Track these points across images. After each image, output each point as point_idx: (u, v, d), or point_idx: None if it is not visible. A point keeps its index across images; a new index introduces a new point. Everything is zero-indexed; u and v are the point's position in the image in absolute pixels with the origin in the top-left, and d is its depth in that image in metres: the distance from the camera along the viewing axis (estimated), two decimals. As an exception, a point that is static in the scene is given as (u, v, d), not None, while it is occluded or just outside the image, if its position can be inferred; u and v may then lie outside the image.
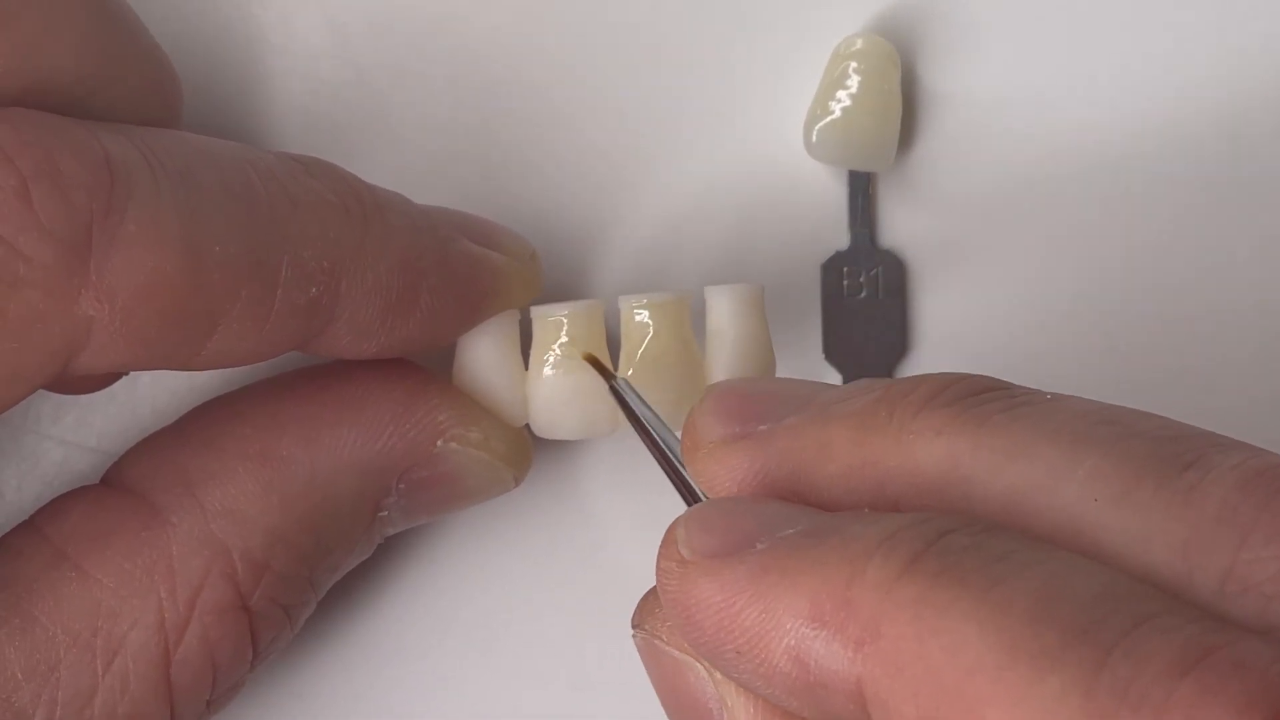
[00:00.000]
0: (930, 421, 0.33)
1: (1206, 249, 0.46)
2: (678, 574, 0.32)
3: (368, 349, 0.39)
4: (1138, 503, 0.30)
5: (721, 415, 0.35)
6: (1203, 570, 0.29)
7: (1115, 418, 0.32)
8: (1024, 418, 0.32)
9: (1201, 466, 0.30)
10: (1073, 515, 0.31)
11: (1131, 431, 0.31)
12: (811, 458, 0.34)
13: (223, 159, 0.37)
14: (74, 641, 0.38)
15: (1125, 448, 0.31)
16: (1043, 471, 0.31)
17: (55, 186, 0.35)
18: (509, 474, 0.42)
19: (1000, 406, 0.32)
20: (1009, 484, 0.31)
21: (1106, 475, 0.30)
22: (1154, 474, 0.30)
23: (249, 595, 0.39)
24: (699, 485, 0.36)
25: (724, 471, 0.35)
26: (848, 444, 0.33)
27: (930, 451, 0.32)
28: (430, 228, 0.40)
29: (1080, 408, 0.32)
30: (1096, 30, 0.46)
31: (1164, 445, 0.31)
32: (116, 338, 0.35)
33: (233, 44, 0.45)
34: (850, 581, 0.30)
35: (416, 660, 0.45)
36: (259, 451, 0.40)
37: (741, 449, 0.35)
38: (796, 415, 0.35)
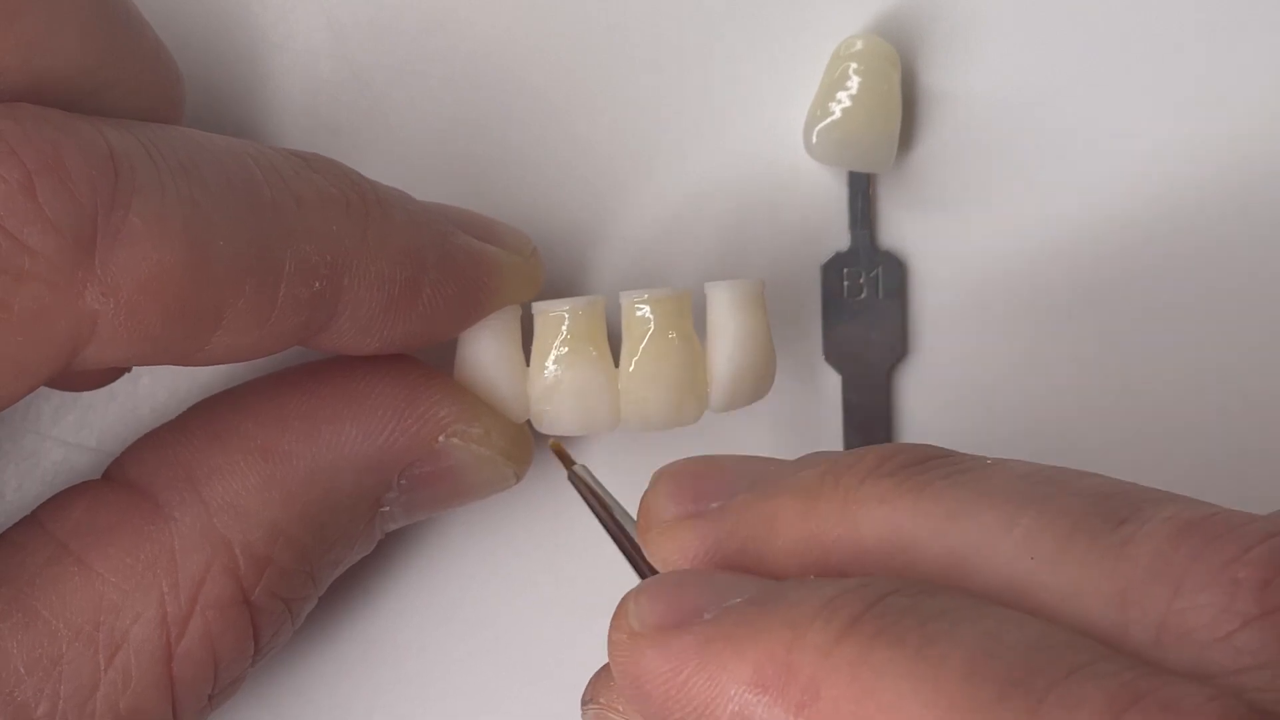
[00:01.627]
0: (873, 490, 0.33)
1: (1207, 248, 0.46)
2: (627, 645, 0.33)
3: (370, 344, 0.39)
4: (1073, 558, 0.31)
5: (674, 495, 0.36)
6: (1138, 622, 0.30)
7: (1053, 477, 0.32)
8: (963, 483, 0.33)
9: (1136, 520, 0.31)
10: (1011, 574, 0.31)
11: (1067, 490, 0.32)
12: (760, 532, 0.34)
13: (226, 154, 0.37)
14: (76, 636, 0.38)
15: (1061, 505, 0.31)
16: (981, 532, 0.32)
17: (60, 181, 0.35)
18: (510, 470, 0.42)
19: (941, 473, 0.33)
20: (949, 546, 0.32)
21: (1042, 533, 0.31)
22: (1088, 529, 0.31)
23: (251, 590, 0.39)
24: (656, 564, 0.36)
25: (676, 550, 0.36)
26: (794, 516, 0.34)
27: (873, 519, 0.33)
28: (431, 223, 0.40)
29: (1020, 470, 0.33)
30: (1097, 30, 0.46)
31: (1099, 501, 0.31)
32: (121, 332, 0.36)
33: (232, 43, 0.45)
34: (791, 645, 0.31)
35: (417, 656, 0.45)
36: (261, 447, 0.40)
37: (692, 527, 0.35)
38: (747, 491, 0.35)
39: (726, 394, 0.42)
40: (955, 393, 0.46)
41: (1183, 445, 0.46)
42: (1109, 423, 0.46)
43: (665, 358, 0.41)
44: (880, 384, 0.46)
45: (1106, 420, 0.46)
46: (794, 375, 0.46)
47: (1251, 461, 0.46)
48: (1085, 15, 0.46)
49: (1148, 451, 0.46)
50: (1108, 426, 0.46)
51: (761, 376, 0.42)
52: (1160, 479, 0.44)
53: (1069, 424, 0.46)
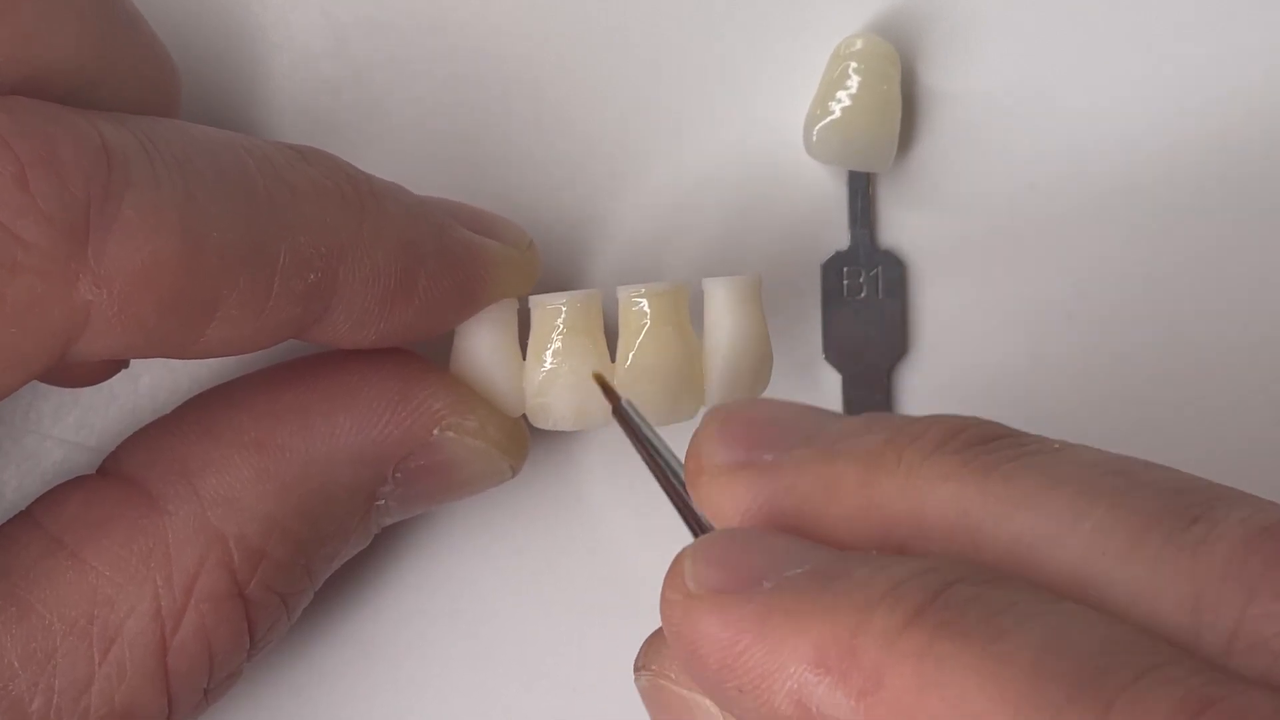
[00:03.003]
0: (939, 468, 0.32)
1: (1207, 247, 0.46)
2: (682, 607, 0.32)
3: (365, 337, 0.39)
4: (1144, 557, 0.30)
5: (726, 440, 0.35)
6: (1210, 626, 0.29)
7: (1123, 469, 0.32)
8: (1032, 467, 0.32)
9: (1208, 520, 0.30)
10: (1079, 567, 0.30)
11: (1138, 483, 0.31)
12: (818, 496, 0.34)
13: (220, 147, 0.37)
14: (70, 629, 0.38)
15: (1132, 500, 0.31)
16: (1050, 522, 0.31)
17: (53, 173, 0.35)
18: (506, 463, 0.42)
19: (1009, 455, 0.32)
20: (1016, 533, 0.31)
21: (1113, 528, 0.30)
22: (1160, 527, 0.30)
23: (245, 583, 0.39)
24: (703, 512, 0.35)
25: (728, 500, 0.35)
26: (855, 485, 0.33)
27: (938, 498, 0.32)
28: (428, 215, 0.40)
29: (1088, 458, 0.32)
30: (1097, 30, 0.46)
31: (1171, 498, 0.31)
32: (115, 323, 0.36)
33: (231, 42, 0.45)
34: (855, 630, 0.30)
35: (414, 653, 0.45)
36: (255, 440, 0.40)
37: (746, 478, 0.34)
38: (803, 448, 0.34)
39: (723, 390, 0.42)
40: (955, 392, 0.46)
41: (1183, 445, 0.46)
42: (1109, 422, 0.46)
43: (662, 352, 0.41)
44: (880, 383, 0.46)
45: (1106, 420, 0.46)
46: (794, 374, 0.46)
47: (1252, 462, 0.46)
48: (1085, 15, 0.46)
49: (1147, 451, 0.45)
50: (1108, 426, 0.46)
51: (758, 372, 0.42)
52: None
53: (1069, 423, 0.46)
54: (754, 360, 0.42)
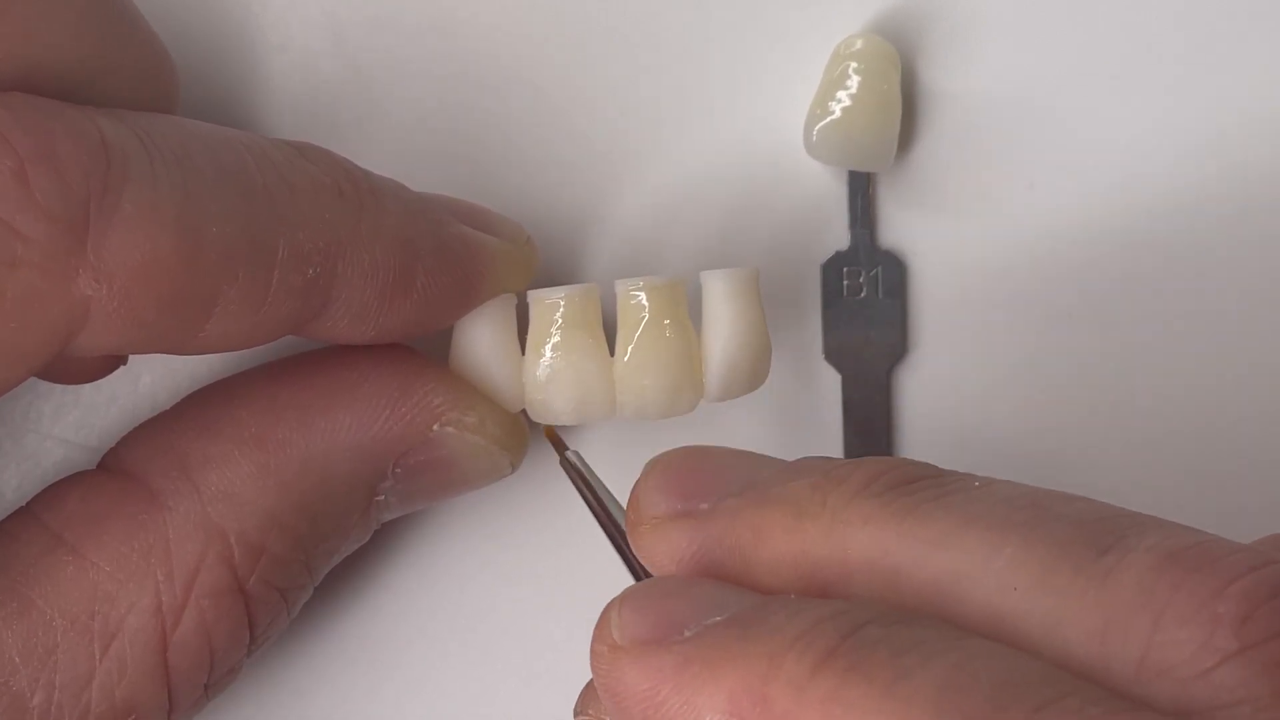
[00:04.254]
0: (860, 511, 0.33)
1: (1208, 248, 0.46)
2: (608, 658, 0.33)
3: (364, 332, 0.39)
4: (1055, 589, 0.30)
5: (664, 490, 0.36)
6: (1119, 655, 0.30)
7: (1038, 502, 0.32)
8: (950, 506, 0.32)
9: (1119, 549, 0.30)
10: (994, 603, 0.31)
11: (1051, 515, 0.32)
12: (748, 542, 0.34)
13: (218, 142, 0.37)
14: (71, 625, 0.38)
15: (1045, 532, 0.31)
16: (965, 560, 0.31)
17: (52, 168, 0.35)
18: (505, 459, 0.42)
19: (928, 495, 0.33)
20: (934, 574, 0.32)
21: (1024, 562, 0.31)
22: (1070, 559, 0.30)
23: (245, 579, 0.39)
24: (641, 562, 0.36)
25: (665, 550, 0.35)
26: (782, 530, 0.34)
27: (860, 540, 0.33)
28: (426, 211, 0.40)
29: (1006, 493, 0.33)
30: (1097, 30, 0.46)
31: (1083, 529, 0.31)
32: (114, 318, 0.36)
33: (231, 41, 0.45)
34: (767, 677, 0.30)
35: (413, 649, 0.45)
36: (255, 435, 0.40)
37: (681, 527, 0.35)
38: (736, 496, 0.35)
39: (722, 383, 0.42)
40: (955, 392, 0.46)
41: (1183, 445, 0.46)
42: (1109, 422, 0.46)
43: (660, 346, 0.41)
44: (880, 383, 0.46)
45: (1106, 419, 0.46)
46: (793, 374, 0.46)
47: (1251, 461, 0.46)
48: (1085, 15, 0.46)
49: (1147, 451, 0.46)
50: (1107, 426, 0.46)
51: (757, 366, 0.42)
52: (1159, 479, 0.44)
53: (1069, 423, 0.46)
54: (753, 353, 0.42)
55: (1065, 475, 0.45)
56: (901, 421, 0.46)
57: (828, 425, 0.46)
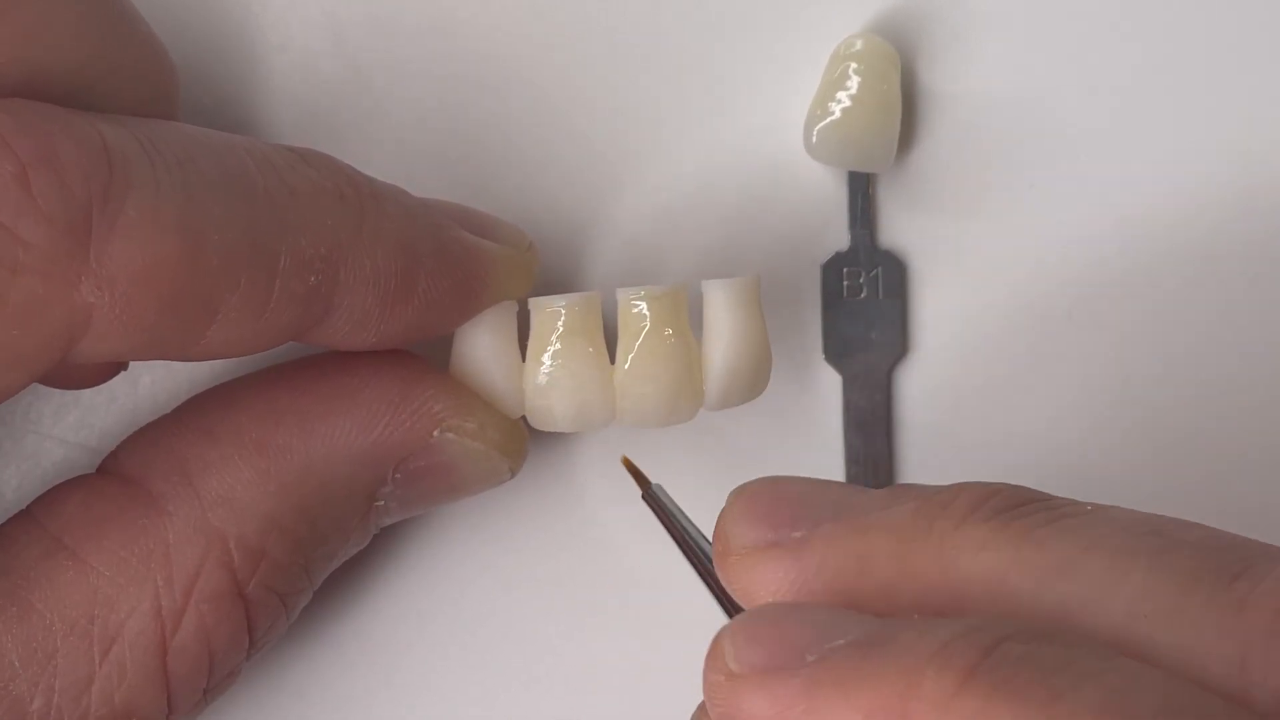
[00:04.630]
0: (973, 535, 0.32)
1: (1208, 248, 0.46)
2: (726, 687, 0.32)
3: (365, 339, 0.39)
4: (1188, 617, 0.30)
5: (752, 520, 0.35)
6: (1259, 685, 0.29)
7: (1158, 528, 0.31)
8: (1067, 530, 0.32)
9: (1250, 577, 0.30)
10: (1124, 631, 0.30)
11: (1175, 542, 0.31)
12: (851, 571, 0.33)
13: (220, 148, 0.37)
14: (71, 630, 0.38)
15: (1171, 559, 0.30)
16: (1090, 586, 0.31)
17: (54, 173, 0.35)
18: (505, 465, 0.42)
19: (1042, 519, 0.32)
20: (1057, 599, 0.31)
21: (1154, 589, 0.30)
22: (1203, 586, 0.30)
23: (245, 583, 0.39)
24: (732, 595, 0.35)
25: (758, 582, 0.34)
26: (888, 557, 0.33)
27: (974, 566, 0.32)
28: (427, 217, 0.40)
29: (1123, 519, 0.32)
30: (1097, 30, 0.46)
31: (1211, 555, 0.31)
32: (116, 325, 0.36)
33: (231, 42, 0.45)
34: (906, 695, 0.29)
35: (412, 652, 0.45)
36: (255, 440, 0.40)
37: (776, 559, 0.34)
38: (830, 524, 0.34)
39: (722, 392, 0.42)
40: (955, 393, 0.46)
41: (1183, 445, 0.46)
42: (1109, 422, 0.46)
43: (661, 355, 0.41)
44: (880, 383, 0.46)
45: (1106, 420, 0.46)
46: (794, 375, 0.46)
47: (1252, 461, 0.46)
48: (1085, 15, 0.46)
49: (1147, 452, 0.46)
50: (1107, 426, 0.46)
51: (757, 375, 0.42)
52: (1160, 479, 0.44)
53: (1069, 423, 0.46)
54: (753, 362, 0.42)
55: (1065, 475, 0.46)
56: (901, 421, 0.46)
57: (828, 426, 0.46)
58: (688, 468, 0.45)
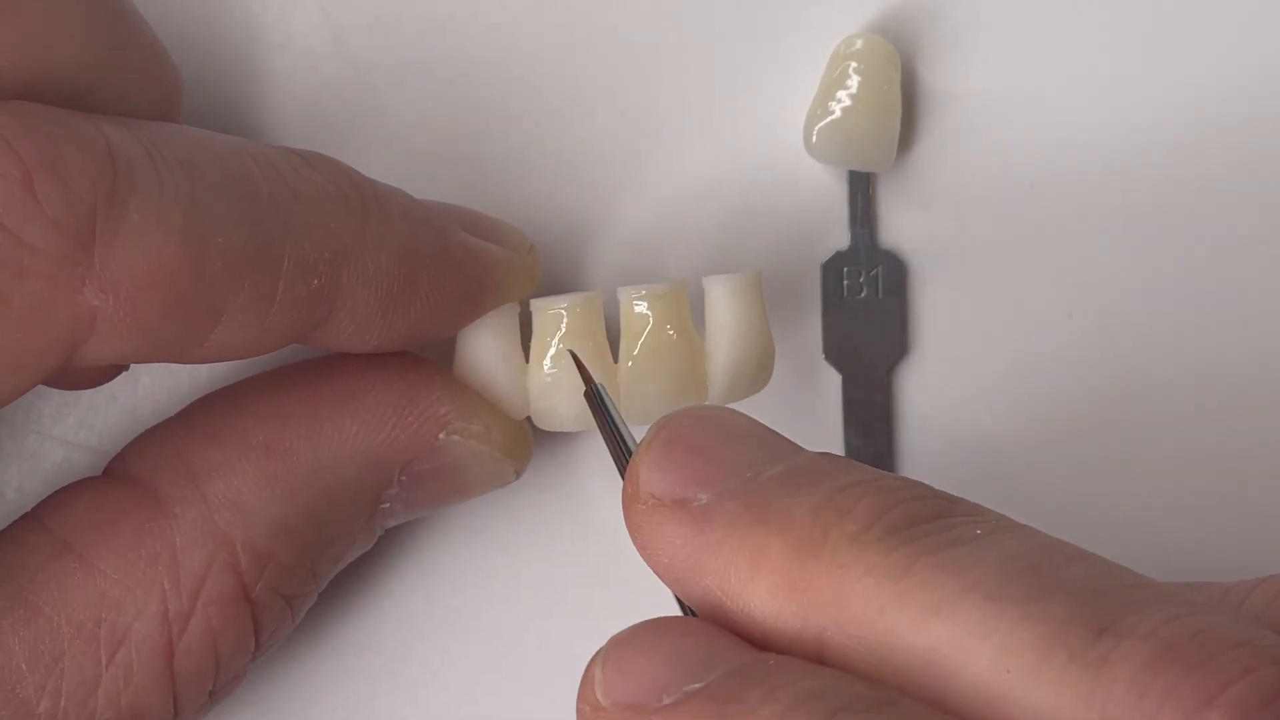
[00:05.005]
0: (861, 557, 0.32)
1: (1207, 247, 0.46)
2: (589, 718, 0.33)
3: (369, 341, 0.39)
4: (1048, 677, 0.30)
5: (664, 468, 0.35)
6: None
7: (1039, 565, 0.32)
8: (950, 564, 0.32)
9: (1115, 632, 0.30)
10: (988, 684, 0.30)
11: (1052, 585, 0.31)
12: (744, 563, 0.34)
13: (223, 151, 0.37)
14: (78, 632, 0.38)
15: (1041, 609, 0.31)
16: (961, 632, 0.31)
17: (59, 177, 0.35)
18: (510, 467, 0.42)
19: (931, 545, 0.32)
20: (930, 642, 0.31)
21: (1019, 645, 0.30)
22: (1066, 643, 0.30)
23: (252, 586, 0.39)
24: (634, 542, 0.36)
25: (660, 539, 0.35)
26: (780, 558, 0.33)
27: (857, 592, 0.32)
28: (430, 220, 0.40)
29: (1010, 549, 0.32)
30: (1097, 30, 0.46)
31: (1081, 604, 0.31)
32: (120, 328, 0.36)
33: (232, 42, 0.45)
34: None
35: (415, 652, 0.45)
36: (262, 443, 0.40)
37: (678, 520, 0.34)
38: (737, 498, 0.34)
39: (726, 387, 0.42)
40: (955, 392, 0.46)
41: (1182, 445, 0.46)
42: (1109, 422, 0.46)
43: (664, 353, 0.41)
44: (880, 383, 0.46)
45: (1106, 419, 0.46)
46: (794, 374, 0.46)
47: (1251, 461, 0.46)
48: (1085, 15, 0.46)
49: (1147, 451, 0.46)
50: (1107, 425, 0.46)
51: (760, 368, 0.42)
52: (1159, 479, 0.44)
53: (1069, 423, 0.46)
54: (756, 357, 0.42)
55: (1065, 476, 0.46)
56: (901, 421, 0.46)
57: (828, 425, 0.46)
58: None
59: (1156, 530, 0.46)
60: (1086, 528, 0.44)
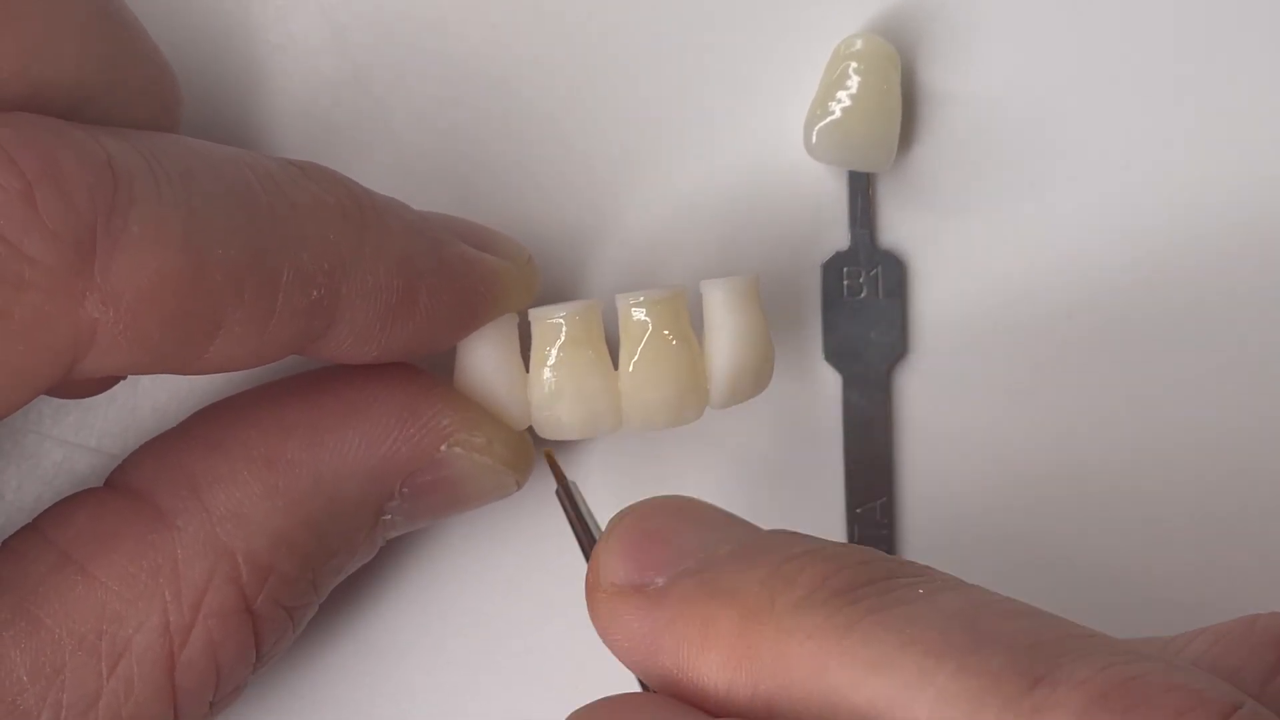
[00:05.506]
0: (804, 623, 0.33)
1: (1207, 247, 0.46)
2: None
3: (368, 353, 0.39)
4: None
5: (622, 557, 0.36)
6: None
7: (975, 621, 0.32)
8: (890, 622, 0.32)
9: (1050, 682, 0.30)
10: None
11: (987, 638, 0.32)
12: (695, 636, 0.35)
13: (222, 163, 0.37)
14: (79, 644, 0.38)
15: (977, 660, 0.31)
16: (899, 686, 0.31)
17: (59, 189, 0.35)
18: (511, 478, 0.42)
19: (872, 605, 0.33)
20: (870, 697, 0.32)
21: (954, 696, 0.31)
22: (1001, 692, 0.30)
23: (253, 598, 0.39)
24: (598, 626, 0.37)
25: (617, 627, 0.36)
26: (729, 629, 0.34)
27: (801, 655, 0.33)
28: (428, 231, 0.40)
29: (948, 607, 0.33)
30: (1097, 29, 0.46)
31: (1017, 656, 0.31)
32: (120, 340, 0.35)
33: (232, 44, 0.45)
34: None
35: (416, 660, 0.45)
36: (264, 455, 0.40)
37: (634, 604, 0.36)
38: (689, 578, 0.35)
39: (726, 390, 0.42)
40: (955, 392, 0.46)
41: (1182, 445, 0.46)
42: (1108, 421, 0.46)
43: (663, 359, 0.41)
44: (880, 383, 0.46)
45: (1106, 419, 0.46)
46: (794, 375, 0.46)
47: (1253, 460, 0.46)
48: (1085, 16, 0.46)
49: (1147, 451, 0.46)
50: (1107, 425, 0.46)
51: (760, 371, 0.42)
52: (1159, 479, 0.45)
53: (1069, 423, 0.46)
54: (755, 360, 0.42)
55: (1066, 476, 0.46)
56: (901, 421, 0.46)
57: (828, 426, 0.46)
58: (689, 469, 0.45)
59: (1156, 530, 0.46)
60: (1087, 527, 0.44)
